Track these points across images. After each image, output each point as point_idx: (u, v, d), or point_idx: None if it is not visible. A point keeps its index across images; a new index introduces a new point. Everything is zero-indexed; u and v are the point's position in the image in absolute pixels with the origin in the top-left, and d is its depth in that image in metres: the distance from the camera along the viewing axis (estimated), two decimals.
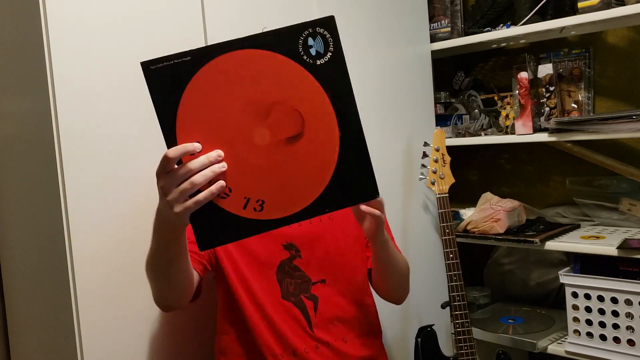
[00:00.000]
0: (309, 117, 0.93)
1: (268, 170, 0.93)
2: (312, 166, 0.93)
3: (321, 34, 0.93)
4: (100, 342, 1.29)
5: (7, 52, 1.37)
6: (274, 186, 0.93)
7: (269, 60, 0.91)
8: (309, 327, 1.34)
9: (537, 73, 2.03)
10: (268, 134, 0.92)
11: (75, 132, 1.25)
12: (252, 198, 0.93)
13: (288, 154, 0.93)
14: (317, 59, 0.93)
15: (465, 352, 1.74)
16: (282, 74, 0.92)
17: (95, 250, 1.28)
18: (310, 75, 0.92)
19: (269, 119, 0.92)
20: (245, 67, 0.91)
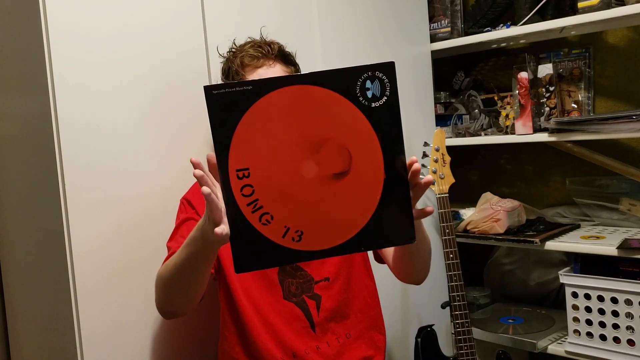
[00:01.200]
0: (357, 156, 0.95)
1: (310, 203, 0.95)
2: (354, 204, 0.96)
3: (379, 78, 0.96)
4: (100, 341, 1.29)
5: (7, 52, 1.37)
6: (314, 219, 0.96)
7: (326, 97, 0.94)
8: (311, 327, 1.34)
9: (537, 73, 2.03)
10: (316, 168, 0.95)
11: (75, 132, 1.25)
12: (292, 228, 0.95)
13: (332, 189, 0.95)
14: (373, 101, 0.95)
15: (465, 352, 1.74)
16: (336, 112, 0.95)
17: (95, 249, 1.28)
18: (363, 117, 0.95)
19: (318, 154, 0.95)
20: (302, 101, 0.94)
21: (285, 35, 1.40)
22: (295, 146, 0.94)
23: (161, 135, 1.42)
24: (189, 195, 1.35)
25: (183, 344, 1.45)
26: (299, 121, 0.94)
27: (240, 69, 1.30)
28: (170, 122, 1.44)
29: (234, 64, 1.32)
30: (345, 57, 1.86)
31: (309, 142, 0.95)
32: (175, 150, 1.44)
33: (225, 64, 1.38)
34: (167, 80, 1.43)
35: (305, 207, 0.95)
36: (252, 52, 1.31)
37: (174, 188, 1.42)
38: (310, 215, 0.95)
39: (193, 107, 1.48)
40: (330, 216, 0.96)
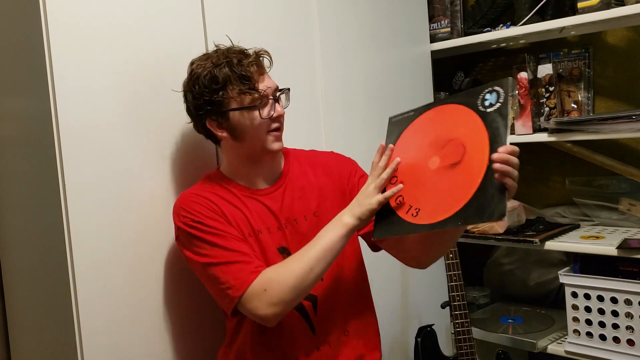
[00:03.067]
0: (470, 149, 1.15)
1: (430, 187, 1.19)
2: (460, 187, 1.14)
3: (497, 91, 1.17)
4: (100, 342, 1.29)
5: (7, 52, 1.37)
6: (430, 199, 1.18)
7: (457, 110, 1.21)
8: (310, 328, 1.34)
9: (536, 73, 2.03)
10: (439, 161, 1.20)
11: (75, 132, 1.25)
12: (414, 206, 1.20)
13: (447, 175, 1.17)
14: (488, 108, 1.16)
15: (465, 352, 1.74)
16: (462, 119, 1.19)
17: (95, 249, 1.28)
18: (479, 119, 1.16)
19: (443, 150, 1.20)
20: (441, 116, 1.24)
21: (285, 35, 1.40)
22: (429, 147, 1.22)
23: (161, 135, 1.42)
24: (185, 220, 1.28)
25: (183, 343, 1.45)
26: (434, 129, 1.23)
27: (251, 75, 1.29)
28: (170, 122, 1.44)
29: (241, 69, 1.28)
30: (344, 58, 1.86)
31: (439, 143, 1.21)
32: (175, 150, 1.44)
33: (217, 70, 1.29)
34: (168, 81, 1.43)
35: (424, 190, 1.19)
36: (257, 61, 1.32)
37: (174, 188, 1.42)
38: (426, 196, 1.19)
39: None
40: (440, 196, 1.16)
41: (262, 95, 1.29)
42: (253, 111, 1.29)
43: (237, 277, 1.22)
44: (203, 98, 1.29)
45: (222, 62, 1.29)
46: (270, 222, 1.35)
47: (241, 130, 1.31)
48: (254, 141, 1.32)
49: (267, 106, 1.31)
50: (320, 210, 1.40)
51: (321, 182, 1.43)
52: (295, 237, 1.35)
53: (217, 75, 1.28)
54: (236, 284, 1.21)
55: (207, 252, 1.25)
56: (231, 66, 1.28)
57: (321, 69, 1.78)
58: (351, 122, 1.87)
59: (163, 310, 1.41)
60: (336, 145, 1.78)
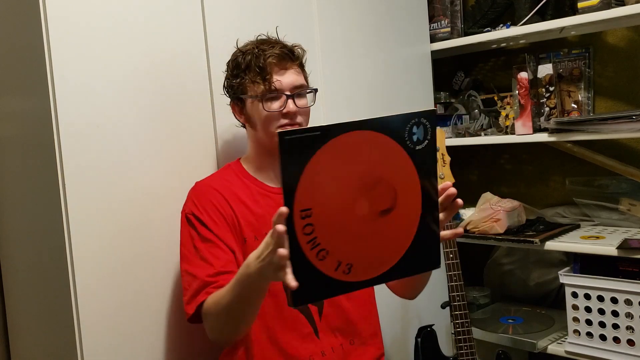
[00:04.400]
0: (402, 193, 1.03)
1: (360, 237, 1.02)
2: (394, 238, 1.04)
3: (423, 124, 1.03)
4: (100, 341, 1.29)
5: (7, 52, 1.37)
6: (361, 252, 1.02)
7: (380, 141, 1.02)
8: (314, 333, 1.34)
9: (537, 73, 2.03)
10: (367, 205, 1.01)
11: (75, 132, 1.25)
12: (343, 262, 1.01)
13: (378, 224, 1.02)
14: (417, 145, 1.03)
15: (465, 352, 1.74)
16: (389, 155, 1.02)
17: (95, 249, 1.28)
18: (409, 159, 1.03)
19: (371, 193, 1.02)
20: (361, 145, 1.01)
21: (285, 36, 1.40)
22: (352, 187, 1.01)
23: (161, 135, 1.42)
24: (193, 209, 1.32)
25: (184, 343, 1.45)
26: (358, 163, 1.01)
27: (267, 66, 1.29)
28: (170, 121, 1.44)
29: (260, 61, 1.29)
30: (344, 58, 1.86)
31: (365, 183, 1.01)
32: (176, 150, 1.44)
33: (242, 57, 1.33)
34: (167, 81, 1.43)
35: (355, 242, 1.02)
36: (281, 53, 1.31)
37: (174, 188, 1.42)
38: (359, 249, 1.02)
39: (193, 107, 1.48)
40: (374, 249, 1.03)
41: (271, 88, 1.29)
42: (259, 102, 1.30)
43: (195, 295, 1.24)
44: (227, 81, 1.37)
45: (249, 49, 1.33)
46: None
47: (254, 120, 1.34)
48: (265, 133, 1.33)
49: (277, 100, 1.30)
50: None
51: None
52: None
53: (241, 61, 1.33)
54: (192, 302, 1.25)
55: (189, 254, 1.29)
56: (253, 55, 1.31)
57: (321, 69, 1.78)
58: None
59: (164, 310, 1.41)
60: None
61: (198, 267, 1.26)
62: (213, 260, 1.26)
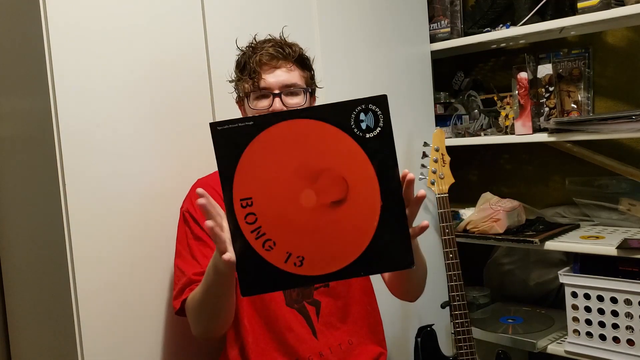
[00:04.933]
0: (354, 185, 0.99)
1: (311, 230, 1.00)
2: (352, 231, 1.00)
3: (373, 110, 1.00)
4: (100, 341, 1.29)
5: (7, 52, 1.37)
6: (314, 245, 1.00)
7: (323, 130, 1.00)
8: (312, 333, 1.34)
9: (536, 73, 2.03)
10: (314, 196, 1.00)
11: (75, 132, 1.26)
12: (294, 254, 1.00)
13: (330, 217, 1.00)
14: (367, 132, 1.00)
15: (465, 352, 1.74)
16: (333, 144, 1.00)
17: (95, 249, 1.28)
18: (359, 147, 0.99)
19: (317, 183, 1.00)
20: (301, 134, 1.00)
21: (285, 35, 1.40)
22: (294, 176, 0.99)
23: (161, 135, 1.42)
24: (189, 207, 1.33)
25: (185, 343, 1.45)
26: (297, 153, 1.00)
27: (257, 67, 1.28)
28: (170, 122, 1.44)
29: (252, 60, 1.29)
30: (344, 58, 1.86)
31: (307, 173, 1.00)
32: (175, 150, 1.44)
33: (241, 57, 1.34)
34: (167, 81, 1.43)
35: (305, 234, 1.00)
36: (272, 51, 1.29)
37: (174, 188, 1.42)
38: (310, 241, 1.00)
39: (193, 107, 1.48)
40: (329, 242, 1.00)
41: (256, 87, 1.29)
42: (246, 100, 1.31)
43: (180, 292, 1.27)
44: (231, 80, 1.38)
45: (248, 49, 1.33)
46: None
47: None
48: None
49: (265, 99, 1.29)
50: None
51: None
52: None
53: (240, 62, 1.34)
54: (178, 297, 1.27)
55: (182, 250, 1.32)
56: (247, 54, 1.32)
57: (322, 69, 1.78)
58: None
59: (164, 310, 1.41)
60: None
61: (188, 264, 1.29)
62: (201, 259, 1.27)
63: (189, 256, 1.29)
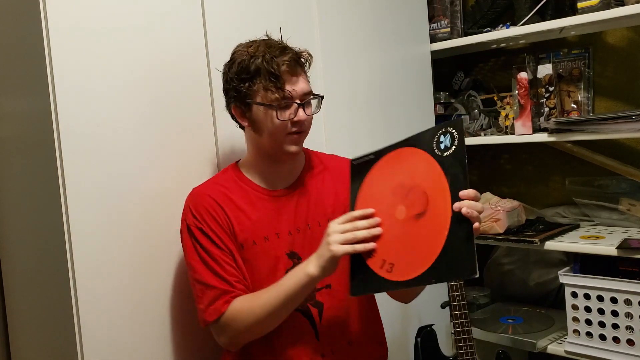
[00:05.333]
0: (432, 197, 1.13)
1: (400, 239, 1.15)
2: (428, 241, 1.11)
3: (450, 132, 1.15)
4: (100, 342, 1.29)
5: (7, 52, 1.37)
6: (401, 253, 1.14)
7: (415, 154, 1.19)
8: (315, 335, 1.33)
9: (536, 73, 2.03)
10: (405, 210, 1.16)
11: (75, 132, 1.25)
12: (387, 260, 1.14)
13: (414, 228, 1.14)
14: (444, 151, 1.14)
15: (465, 352, 1.74)
16: (421, 165, 1.17)
17: (95, 250, 1.28)
18: (437, 164, 1.14)
19: (407, 199, 1.16)
20: (400, 160, 1.21)
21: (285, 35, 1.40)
22: (393, 194, 1.18)
23: (161, 135, 1.41)
24: (194, 220, 1.31)
25: (185, 344, 1.45)
26: (396, 175, 1.20)
27: (281, 74, 1.26)
28: (171, 121, 1.44)
29: (271, 65, 1.26)
30: (344, 58, 1.86)
31: (402, 191, 1.17)
32: (176, 149, 1.44)
33: (249, 61, 1.28)
34: (167, 81, 1.43)
35: (397, 244, 1.15)
36: (293, 60, 1.29)
37: (174, 187, 1.42)
38: (398, 249, 1.14)
39: (193, 107, 1.48)
40: (411, 251, 1.13)
41: (284, 97, 1.27)
42: (272, 110, 1.28)
43: (211, 303, 1.27)
44: (232, 84, 1.31)
45: (259, 54, 1.28)
46: (280, 227, 1.34)
47: (260, 125, 1.31)
48: (271, 139, 1.31)
49: (289, 109, 1.29)
50: (335, 216, 1.39)
51: (338, 189, 1.41)
52: (308, 242, 1.35)
53: (249, 66, 1.28)
54: (209, 310, 1.27)
55: (196, 264, 1.30)
56: (264, 60, 1.27)
57: (321, 69, 1.78)
58: (351, 122, 1.87)
59: (164, 310, 1.41)
60: (336, 145, 1.78)
61: (210, 277, 1.28)
62: (221, 270, 1.28)
63: (206, 269, 1.28)
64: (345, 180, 1.43)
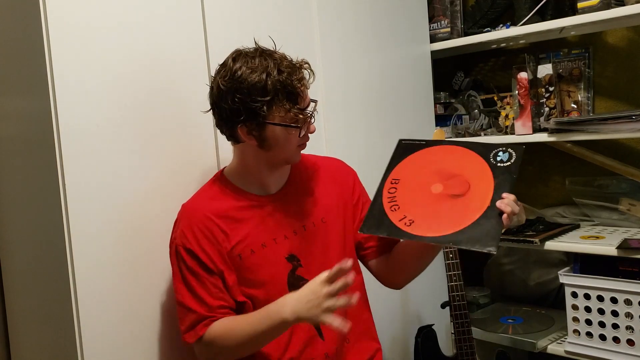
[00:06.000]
0: (475, 187, 1.30)
1: (428, 205, 1.31)
2: (459, 214, 1.26)
3: (509, 152, 1.32)
4: (100, 342, 1.29)
5: (7, 52, 1.37)
6: (426, 215, 1.29)
7: (467, 154, 1.36)
8: (319, 335, 1.34)
9: (536, 73, 2.03)
10: (442, 188, 1.32)
11: (75, 132, 1.26)
12: (408, 217, 1.30)
13: (448, 202, 1.30)
14: (499, 163, 1.32)
15: (465, 352, 1.74)
16: (471, 163, 1.34)
17: (95, 249, 1.28)
18: (489, 169, 1.32)
19: (448, 181, 1.33)
20: (450, 153, 1.39)
21: (285, 35, 1.40)
22: (433, 173, 1.35)
23: (161, 134, 1.42)
24: (183, 241, 1.29)
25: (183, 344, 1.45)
26: (442, 162, 1.37)
27: (299, 93, 1.23)
28: (171, 121, 1.44)
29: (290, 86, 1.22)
30: (344, 58, 1.86)
31: (444, 174, 1.34)
32: (176, 150, 1.44)
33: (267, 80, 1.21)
34: (167, 81, 1.43)
35: (422, 207, 1.31)
36: (304, 79, 1.26)
37: (175, 188, 1.42)
38: (424, 212, 1.30)
39: (193, 107, 1.48)
40: (438, 216, 1.28)
41: (307, 117, 1.26)
42: (293, 129, 1.25)
43: (191, 327, 1.28)
44: (245, 106, 1.21)
45: (273, 72, 1.21)
46: (276, 231, 1.34)
47: (272, 143, 1.27)
48: (280, 153, 1.30)
49: (306, 125, 1.28)
50: (328, 216, 1.39)
51: (328, 188, 1.42)
52: (305, 243, 1.35)
53: (267, 86, 1.20)
54: (189, 332, 1.28)
55: (179, 286, 1.30)
56: (282, 80, 1.21)
57: (321, 69, 1.78)
58: (351, 122, 1.87)
59: (164, 310, 1.41)
60: (336, 145, 1.78)
61: (191, 300, 1.28)
62: (204, 293, 1.27)
63: (188, 292, 1.28)
64: (337, 180, 1.44)
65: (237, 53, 1.27)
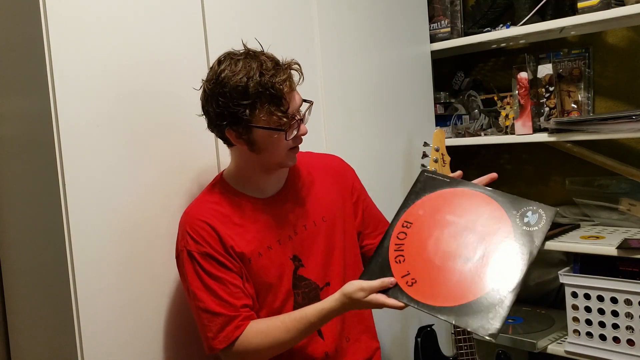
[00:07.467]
0: (489, 253, 1.16)
1: (435, 266, 1.17)
2: (466, 286, 1.13)
3: (540, 214, 1.18)
4: (100, 342, 1.29)
5: (7, 52, 1.37)
6: (430, 278, 1.16)
7: (494, 209, 1.22)
8: (319, 334, 1.35)
9: (536, 73, 2.03)
10: (454, 246, 1.19)
11: (75, 131, 1.26)
12: (411, 274, 1.18)
13: (457, 267, 1.16)
14: (525, 226, 1.18)
15: (465, 352, 1.74)
16: (494, 221, 1.19)
17: (95, 250, 1.28)
18: (510, 230, 1.17)
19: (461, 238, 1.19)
20: (475, 202, 1.24)
21: (285, 36, 1.40)
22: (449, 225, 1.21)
23: (162, 134, 1.42)
24: (194, 245, 1.28)
25: (185, 344, 1.45)
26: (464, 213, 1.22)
27: (283, 95, 1.21)
28: (171, 121, 1.44)
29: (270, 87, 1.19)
30: (344, 58, 1.86)
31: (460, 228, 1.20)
32: (176, 150, 1.44)
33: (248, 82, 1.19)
34: (168, 81, 1.43)
35: (429, 267, 1.17)
36: (289, 79, 1.23)
37: (175, 188, 1.42)
38: (430, 274, 1.17)
39: (193, 107, 1.48)
40: (442, 282, 1.15)
41: (292, 120, 1.24)
42: (279, 133, 1.24)
43: (221, 330, 1.24)
44: (228, 110, 1.21)
45: (254, 74, 1.19)
46: (279, 233, 1.34)
47: (261, 146, 1.26)
48: (273, 157, 1.29)
49: (293, 128, 1.25)
50: (328, 214, 1.40)
51: (327, 186, 1.42)
52: (306, 243, 1.35)
53: (248, 89, 1.19)
54: (219, 337, 1.24)
55: (199, 292, 1.26)
56: (264, 82, 1.19)
57: (321, 69, 1.78)
58: (351, 122, 1.87)
59: (164, 310, 1.41)
60: (336, 145, 1.78)
61: (215, 304, 1.25)
62: (226, 295, 1.25)
63: (211, 296, 1.25)
64: (336, 178, 1.43)
65: (225, 55, 1.26)
